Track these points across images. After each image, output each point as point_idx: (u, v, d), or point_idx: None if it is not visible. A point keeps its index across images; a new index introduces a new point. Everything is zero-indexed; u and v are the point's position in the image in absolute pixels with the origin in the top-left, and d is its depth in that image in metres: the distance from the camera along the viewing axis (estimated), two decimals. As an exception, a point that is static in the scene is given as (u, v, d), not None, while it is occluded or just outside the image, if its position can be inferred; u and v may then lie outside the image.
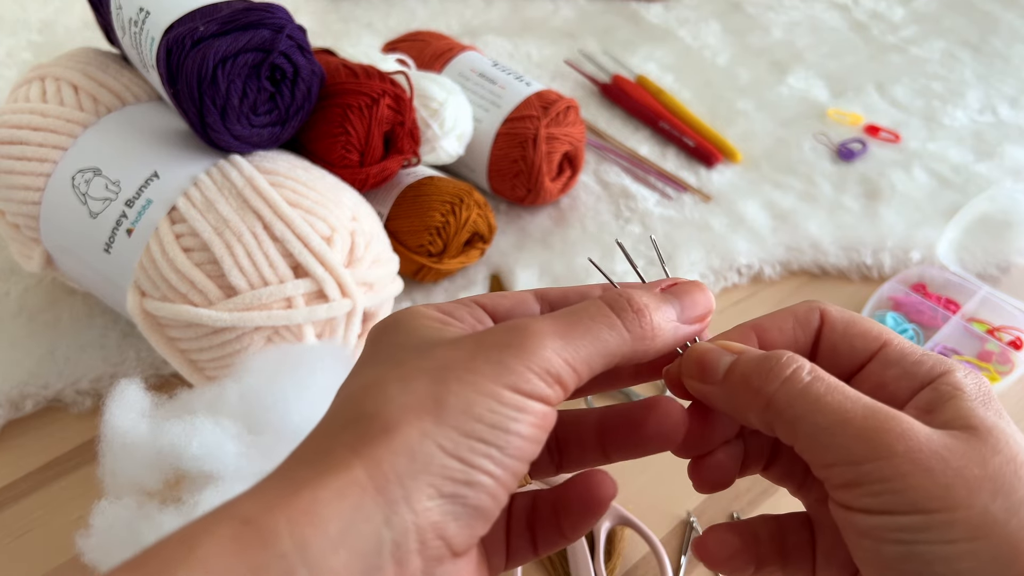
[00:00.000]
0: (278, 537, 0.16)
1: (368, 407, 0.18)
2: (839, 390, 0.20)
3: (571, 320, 0.20)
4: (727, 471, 0.24)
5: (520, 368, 0.18)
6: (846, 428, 0.19)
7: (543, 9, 0.88)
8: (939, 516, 0.18)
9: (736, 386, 0.22)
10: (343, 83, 0.46)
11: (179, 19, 0.40)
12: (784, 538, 0.23)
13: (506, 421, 0.18)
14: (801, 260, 0.57)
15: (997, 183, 0.63)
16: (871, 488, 0.19)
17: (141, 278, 0.40)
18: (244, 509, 0.16)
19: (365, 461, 0.17)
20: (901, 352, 0.22)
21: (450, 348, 0.19)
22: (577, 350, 0.19)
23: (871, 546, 0.19)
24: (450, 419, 0.18)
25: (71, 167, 0.42)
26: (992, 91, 0.76)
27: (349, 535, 0.16)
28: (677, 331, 0.22)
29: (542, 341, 0.19)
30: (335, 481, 0.17)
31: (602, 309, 0.20)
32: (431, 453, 0.17)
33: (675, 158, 0.66)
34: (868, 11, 0.90)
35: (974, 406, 0.20)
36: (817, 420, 0.20)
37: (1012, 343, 0.49)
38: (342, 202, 0.42)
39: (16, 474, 0.42)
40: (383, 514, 0.17)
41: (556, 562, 0.38)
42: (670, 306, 0.22)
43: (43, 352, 0.47)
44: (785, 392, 0.20)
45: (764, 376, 0.21)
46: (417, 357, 0.19)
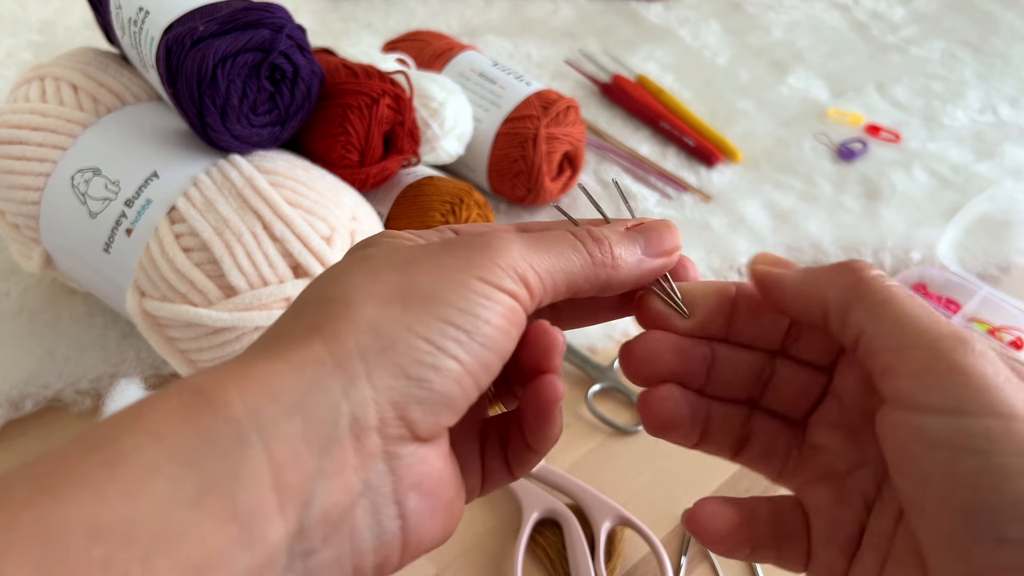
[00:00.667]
0: (229, 404, 0.15)
1: (332, 292, 0.18)
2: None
3: (536, 237, 0.21)
4: (676, 407, 0.23)
5: (487, 262, 0.19)
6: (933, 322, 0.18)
7: (543, 9, 0.88)
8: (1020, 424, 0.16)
9: (820, 269, 0.22)
10: (343, 83, 0.46)
11: (179, 19, 0.40)
12: (781, 520, 0.22)
13: (475, 307, 0.18)
14: (801, 260, 0.57)
15: (997, 183, 0.63)
16: (948, 379, 0.17)
17: (141, 278, 0.40)
18: (197, 381, 0.16)
19: (326, 337, 0.17)
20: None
21: (416, 249, 0.20)
22: (542, 260, 0.20)
23: (945, 458, 0.17)
24: (418, 303, 0.18)
25: (71, 167, 0.42)
26: (992, 91, 0.76)
27: (304, 405, 0.16)
28: (642, 264, 0.22)
29: (509, 245, 0.19)
30: (292, 355, 0.17)
31: (565, 234, 0.21)
32: (397, 333, 0.17)
33: (675, 158, 0.66)
34: (868, 11, 0.90)
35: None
36: (907, 304, 0.19)
37: (1013, 343, 0.49)
38: (342, 202, 0.42)
39: (16, 474, 0.42)
40: (341, 387, 0.16)
41: (556, 562, 0.38)
42: (632, 241, 0.22)
43: (43, 352, 0.47)
44: (879, 279, 0.20)
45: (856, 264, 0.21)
46: (385, 256, 0.20)
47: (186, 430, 0.15)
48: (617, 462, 0.44)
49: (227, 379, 0.16)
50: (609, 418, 0.45)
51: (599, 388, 0.47)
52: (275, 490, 0.15)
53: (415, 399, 0.17)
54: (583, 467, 0.43)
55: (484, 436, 0.23)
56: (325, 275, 0.20)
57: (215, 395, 0.16)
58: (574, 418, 0.46)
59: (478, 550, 0.39)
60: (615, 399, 0.47)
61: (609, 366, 0.48)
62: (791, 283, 0.22)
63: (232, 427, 0.15)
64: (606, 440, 0.45)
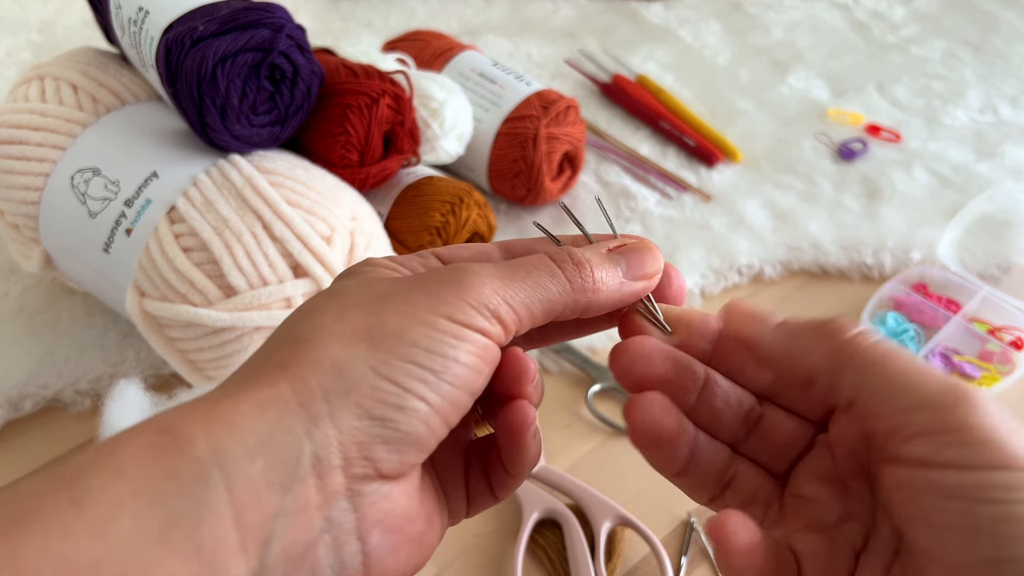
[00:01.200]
0: (193, 443, 0.16)
1: (301, 331, 0.18)
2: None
3: (512, 266, 0.20)
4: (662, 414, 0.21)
5: (456, 300, 0.19)
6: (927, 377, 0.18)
7: (543, 8, 0.88)
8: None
9: (799, 330, 0.21)
10: (343, 83, 0.46)
11: (178, 18, 0.40)
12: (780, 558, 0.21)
13: (442, 346, 0.18)
14: (802, 260, 0.57)
15: (998, 183, 0.63)
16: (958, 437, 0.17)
17: (140, 278, 0.40)
18: (163, 419, 0.16)
19: (291, 378, 0.17)
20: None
21: (390, 284, 0.20)
22: (517, 292, 0.20)
23: (963, 509, 0.17)
24: (384, 343, 0.18)
25: (70, 167, 0.42)
26: (993, 91, 0.76)
27: (267, 444, 0.16)
28: (623, 287, 0.22)
29: (481, 280, 0.19)
30: (257, 394, 0.17)
31: (544, 260, 0.21)
32: (362, 374, 0.17)
33: (675, 158, 0.66)
34: (869, 11, 0.90)
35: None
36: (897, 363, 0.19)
37: (1013, 343, 0.49)
38: (342, 202, 0.42)
39: (15, 474, 0.42)
40: (304, 427, 0.17)
41: (556, 562, 0.38)
42: (613, 263, 0.22)
43: (42, 352, 0.47)
44: (860, 341, 0.20)
45: (837, 327, 0.20)
46: (357, 292, 0.19)
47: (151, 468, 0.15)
48: (617, 462, 0.44)
49: (193, 418, 0.16)
50: (609, 418, 0.45)
51: (599, 388, 0.47)
52: (237, 528, 0.16)
53: (380, 439, 0.17)
54: (583, 467, 0.43)
55: (468, 459, 0.23)
56: (298, 311, 0.20)
57: (180, 434, 0.16)
58: (574, 418, 0.46)
59: (478, 550, 0.39)
60: (615, 399, 0.47)
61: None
62: (769, 345, 0.22)
63: (196, 466, 0.16)
64: (606, 440, 0.45)
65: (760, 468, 0.23)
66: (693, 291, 0.54)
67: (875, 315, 0.52)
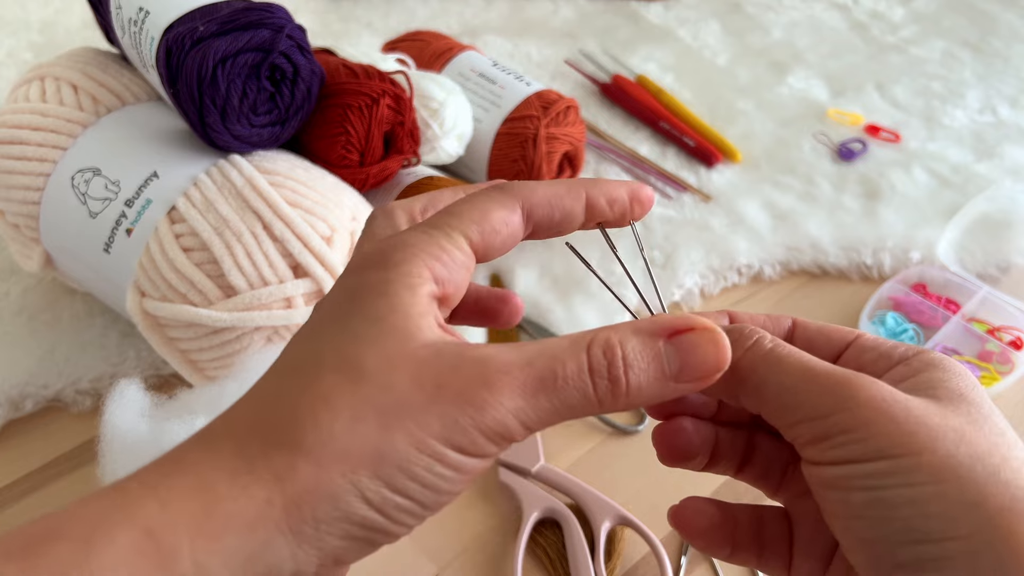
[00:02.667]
0: (178, 558, 0.16)
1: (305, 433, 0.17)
2: (801, 353, 0.20)
3: (541, 373, 0.18)
4: (690, 440, 0.23)
5: (471, 429, 0.18)
6: (810, 385, 0.19)
7: (543, 9, 0.88)
8: (904, 460, 0.18)
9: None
10: (343, 83, 0.46)
11: (179, 19, 0.40)
12: (762, 527, 0.23)
13: (440, 482, 0.18)
14: (801, 260, 0.57)
15: (997, 183, 0.63)
16: (837, 440, 0.19)
17: (141, 278, 0.40)
18: (149, 517, 0.16)
19: (286, 500, 0.17)
20: (876, 340, 0.22)
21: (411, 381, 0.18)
22: (538, 411, 0.18)
23: (839, 496, 0.19)
24: (385, 473, 0.17)
25: (71, 167, 0.42)
26: (992, 91, 0.76)
27: (252, 563, 0.16)
28: (664, 390, 0.19)
29: (501, 399, 0.18)
30: (250, 510, 0.16)
31: (581, 369, 0.18)
32: (355, 505, 0.17)
33: (675, 158, 0.66)
34: (868, 11, 0.90)
35: (944, 377, 0.20)
36: (782, 380, 0.20)
37: (1012, 343, 0.49)
38: (342, 202, 0.42)
39: (16, 474, 0.42)
40: (290, 550, 0.17)
41: (556, 561, 0.38)
42: (662, 368, 0.19)
43: (43, 352, 0.47)
44: (749, 358, 0.21)
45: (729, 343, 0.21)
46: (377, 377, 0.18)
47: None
48: (617, 462, 0.44)
49: (181, 525, 0.16)
50: (609, 418, 0.45)
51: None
52: None
53: (356, 551, 0.18)
54: (583, 467, 0.43)
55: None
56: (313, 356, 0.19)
57: (167, 543, 0.16)
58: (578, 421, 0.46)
59: (478, 549, 0.39)
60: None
61: (609, 366, 0.48)
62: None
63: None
64: (606, 440, 0.45)
65: (777, 438, 0.24)
66: (693, 291, 0.54)
67: (874, 315, 0.52)
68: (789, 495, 0.24)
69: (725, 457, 0.24)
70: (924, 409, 0.19)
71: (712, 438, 0.24)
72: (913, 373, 0.20)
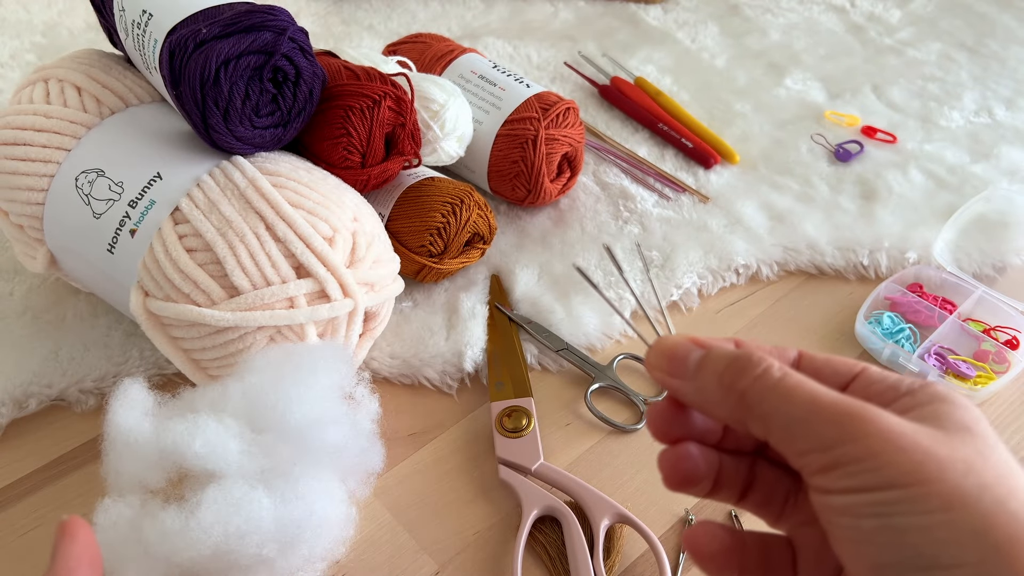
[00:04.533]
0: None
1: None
2: (810, 383, 0.21)
3: None
4: (695, 465, 0.24)
5: None
6: (819, 415, 0.20)
7: (543, 12, 0.89)
8: (913, 490, 0.18)
9: (708, 382, 0.22)
10: (344, 85, 0.46)
11: (182, 21, 0.40)
12: (768, 552, 0.24)
13: None
14: (798, 260, 0.57)
15: (993, 184, 0.64)
16: (847, 469, 0.19)
17: (144, 278, 0.40)
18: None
19: None
20: (882, 373, 0.23)
21: None
22: None
23: (849, 522, 0.19)
24: None
25: (74, 168, 0.42)
26: (988, 93, 0.76)
27: None
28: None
29: None
30: None
31: None
32: None
33: (673, 159, 0.67)
34: (865, 13, 0.90)
35: (950, 410, 0.20)
36: (790, 411, 0.20)
37: (1008, 343, 0.50)
38: (344, 203, 0.43)
39: (20, 472, 0.42)
40: None
41: (556, 559, 0.39)
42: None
43: (47, 351, 0.47)
44: (759, 387, 0.21)
45: (737, 373, 0.21)
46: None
47: None
48: (616, 460, 0.44)
49: None
50: (608, 417, 0.46)
51: (598, 387, 0.47)
52: None
53: None
54: (582, 465, 0.44)
55: None
56: None
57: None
58: (573, 417, 0.46)
59: (478, 547, 0.40)
60: (614, 398, 0.48)
61: (608, 365, 0.48)
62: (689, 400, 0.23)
63: None
64: (605, 438, 0.45)
65: (779, 468, 0.25)
66: (691, 291, 0.54)
67: (871, 315, 0.52)
68: (791, 524, 0.24)
69: (728, 484, 0.25)
70: (932, 440, 0.19)
71: (716, 464, 0.24)
72: (919, 405, 0.21)
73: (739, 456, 0.25)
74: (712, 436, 0.25)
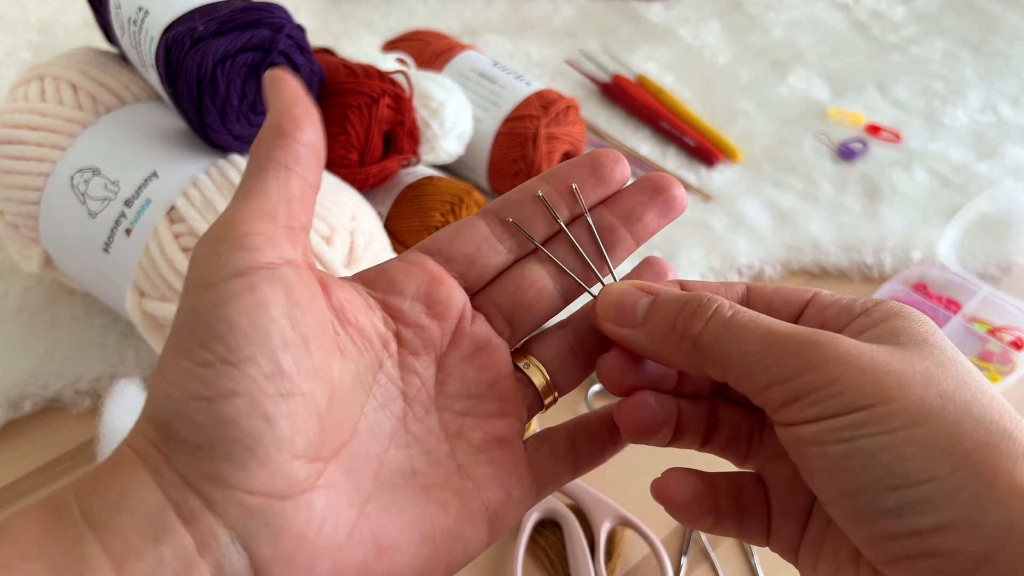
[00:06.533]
0: (70, 507, 0.17)
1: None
2: (762, 317, 0.20)
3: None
4: (653, 413, 0.23)
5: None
6: (775, 348, 0.19)
7: (543, 8, 0.88)
8: (876, 409, 0.18)
9: (659, 330, 0.22)
10: (343, 82, 0.46)
11: (178, 18, 0.39)
12: (741, 493, 0.23)
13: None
14: (802, 260, 0.57)
15: (998, 183, 0.63)
16: (809, 399, 0.19)
17: (140, 278, 0.40)
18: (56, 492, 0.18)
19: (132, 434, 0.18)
20: (833, 296, 0.22)
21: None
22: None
23: (817, 451, 0.19)
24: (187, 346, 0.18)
25: (70, 167, 0.42)
26: (993, 91, 0.76)
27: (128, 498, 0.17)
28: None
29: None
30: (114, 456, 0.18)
31: None
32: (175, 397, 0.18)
33: (675, 157, 0.66)
34: (869, 10, 0.89)
35: (904, 324, 0.20)
36: (745, 348, 0.20)
37: (1013, 343, 0.49)
38: (342, 202, 0.42)
39: (15, 475, 0.42)
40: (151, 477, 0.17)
41: (556, 562, 0.38)
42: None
43: (42, 352, 0.47)
44: (711, 330, 0.20)
45: (688, 319, 0.21)
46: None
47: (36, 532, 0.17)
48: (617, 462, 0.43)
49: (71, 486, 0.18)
50: (609, 418, 0.45)
51: (599, 388, 0.47)
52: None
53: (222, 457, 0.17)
54: (583, 467, 0.43)
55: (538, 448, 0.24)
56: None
57: (61, 501, 0.17)
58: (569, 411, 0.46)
59: (478, 550, 0.39)
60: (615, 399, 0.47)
61: (609, 366, 0.48)
62: (641, 348, 0.23)
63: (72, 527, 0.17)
64: (606, 440, 0.45)
65: (741, 407, 0.24)
66: (693, 291, 0.54)
67: (875, 315, 0.52)
68: (758, 461, 0.24)
69: (689, 430, 0.24)
70: (890, 357, 0.19)
71: (675, 411, 0.23)
72: (874, 323, 0.20)
73: (698, 400, 0.24)
74: (668, 382, 0.24)
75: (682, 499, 0.23)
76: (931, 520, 0.17)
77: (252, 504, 0.17)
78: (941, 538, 0.17)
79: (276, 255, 0.19)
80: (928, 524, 0.17)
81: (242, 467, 0.17)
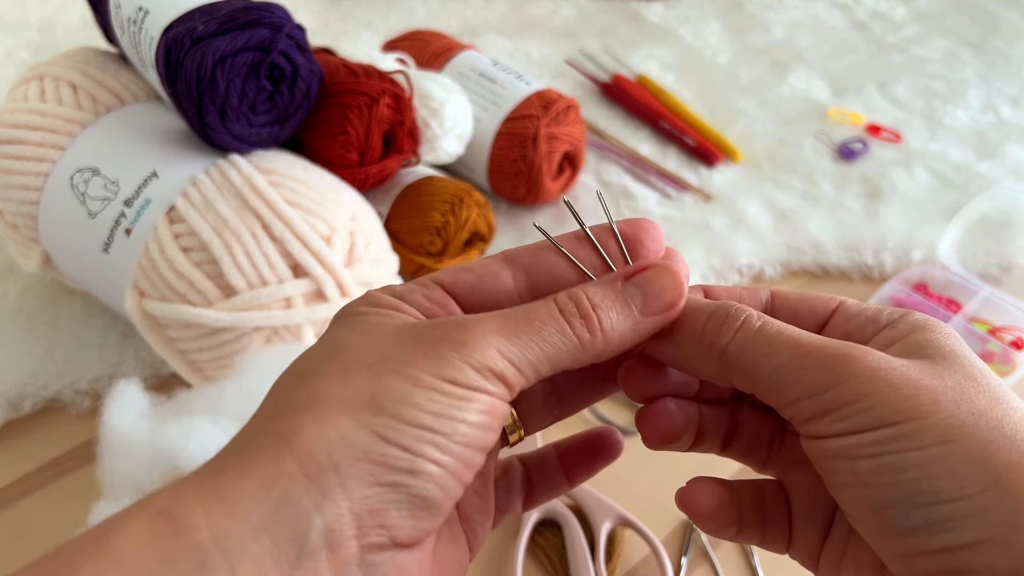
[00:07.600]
0: (195, 528, 0.15)
1: (301, 398, 0.18)
2: (791, 329, 0.20)
3: (517, 322, 0.19)
4: (674, 420, 0.23)
5: (459, 363, 0.18)
6: (804, 361, 0.19)
7: (543, 8, 0.88)
8: (907, 426, 0.18)
9: (687, 341, 0.21)
10: (342, 82, 0.46)
11: (178, 18, 0.39)
12: (763, 500, 0.23)
13: (450, 409, 0.18)
14: (802, 260, 0.57)
15: (998, 183, 0.63)
16: (838, 413, 0.18)
17: (140, 278, 0.40)
18: (161, 502, 0.16)
19: (296, 451, 0.17)
20: (859, 305, 0.22)
21: (392, 342, 0.19)
22: (522, 351, 0.19)
23: (846, 466, 0.18)
24: (390, 409, 0.17)
25: (70, 167, 0.42)
26: (993, 90, 0.76)
27: (274, 522, 0.16)
28: (637, 327, 0.20)
29: (485, 338, 0.19)
30: (261, 470, 0.16)
31: (552, 312, 0.20)
32: (370, 441, 0.17)
33: (676, 157, 0.66)
34: (869, 10, 0.89)
35: (932, 337, 0.20)
36: (774, 360, 0.20)
37: (1013, 343, 0.49)
38: (341, 202, 0.42)
39: (15, 475, 0.42)
40: (313, 500, 0.16)
41: (556, 563, 0.38)
42: (626, 304, 0.21)
43: (42, 352, 0.47)
44: (739, 342, 0.20)
45: (716, 330, 0.21)
46: (358, 351, 0.19)
47: (149, 556, 0.15)
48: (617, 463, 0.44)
49: (193, 500, 0.16)
50: (609, 418, 0.45)
51: (599, 388, 0.47)
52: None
53: (394, 504, 0.17)
54: (583, 467, 0.43)
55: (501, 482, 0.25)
56: (295, 371, 0.19)
57: (181, 519, 0.15)
58: (574, 418, 0.46)
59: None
60: (615, 399, 0.47)
61: (609, 366, 0.48)
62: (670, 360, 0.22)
63: (196, 552, 0.15)
64: (606, 440, 0.45)
65: (762, 411, 0.24)
66: (693, 291, 0.54)
67: (875, 315, 0.52)
68: (779, 467, 0.24)
69: (710, 435, 0.24)
70: (920, 372, 0.19)
71: (696, 417, 0.23)
72: (901, 336, 0.20)
73: (719, 404, 0.24)
74: (690, 388, 0.24)
75: (707, 508, 0.23)
76: (962, 538, 0.17)
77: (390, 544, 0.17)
78: (972, 555, 0.17)
79: None
80: (959, 542, 0.17)
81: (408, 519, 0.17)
